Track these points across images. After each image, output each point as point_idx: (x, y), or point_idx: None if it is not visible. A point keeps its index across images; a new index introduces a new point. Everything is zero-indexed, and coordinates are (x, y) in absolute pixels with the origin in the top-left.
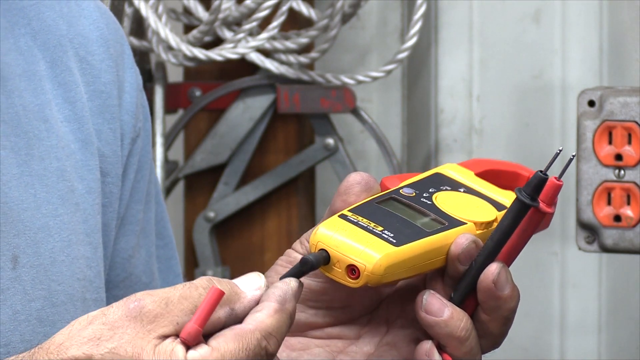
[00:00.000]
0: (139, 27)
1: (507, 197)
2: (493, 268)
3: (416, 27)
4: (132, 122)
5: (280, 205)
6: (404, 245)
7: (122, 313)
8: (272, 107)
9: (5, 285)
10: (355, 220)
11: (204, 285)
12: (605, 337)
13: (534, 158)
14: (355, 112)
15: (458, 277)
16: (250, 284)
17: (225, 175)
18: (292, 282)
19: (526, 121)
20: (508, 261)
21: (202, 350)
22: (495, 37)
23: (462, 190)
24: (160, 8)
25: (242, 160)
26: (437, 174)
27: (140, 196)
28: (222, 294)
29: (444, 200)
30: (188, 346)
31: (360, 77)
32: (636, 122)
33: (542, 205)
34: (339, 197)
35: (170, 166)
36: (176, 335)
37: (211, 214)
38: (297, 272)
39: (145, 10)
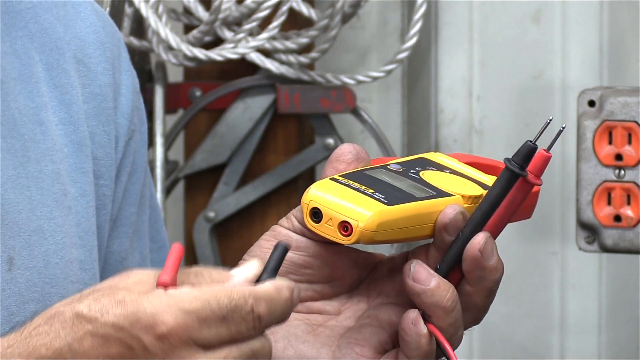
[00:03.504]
0: (139, 27)
1: (491, 179)
2: (480, 237)
3: (416, 27)
4: (127, 124)
5: (280, 205)
6: (396, 205)
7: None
8: (272, 107)
9: (2, 287)
10: (346, 183)
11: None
12: (605, 337)
13: None
14: (355, 112)
15: (444, 249)
16: (243, 269)
17: (226, 175)
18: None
19: (526, 121)
20: (495, 233)
21: (182, 288)
22: (495, 37)
23: (447, 171)
24: (161, 8)
25: (242, 160)
26: (422, 158)
27: (134, 199)
28: (181, 247)
29: (431, 176)
30: None
31: (360, 77)
32: (636, 122)
33: (530, 176)
34: (329, 165)
35: (170, 166)
36: None
37: (211, 214)
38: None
39: (146, 10)
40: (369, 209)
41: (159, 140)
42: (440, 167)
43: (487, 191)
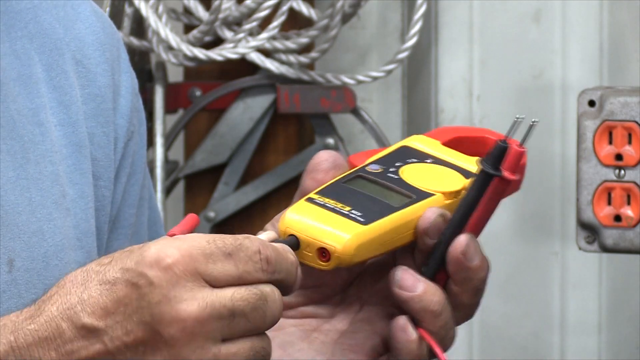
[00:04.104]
0: (139, 27)
1: (474, 164)
2: (461, 239)
3: (416, 27)
4: (126, 126)
5: (280, 205)
6: (373, 223)
7: None
8: (272, 107)
9: (2, 288)
10: (322, 203)
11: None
12: (605, 337)
13: (534, 158)
14: (355, 112)
15: (428, 251)
16: (258, 236)
17: (226, 175)
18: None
19: (526, 121)
20: (476, 231)
21: (188, 234)
22: (495, 37)
23: (429, 161)
24: (161, 8)
25: (242, 160)
26: (404, 147)
27: (133, 200)
28: (197, 217)
29: (411, 173)
30: None
31: (361, 77)
32: (636, 122)
33: (505, 174)
34: (307, 175)
35: (170, 166)
36: None
37: (211, 214)
38: None
39: (146, 10)
40: (346, 231)
41: (159, 140)
42: (422, 157)
43: (469, 181)
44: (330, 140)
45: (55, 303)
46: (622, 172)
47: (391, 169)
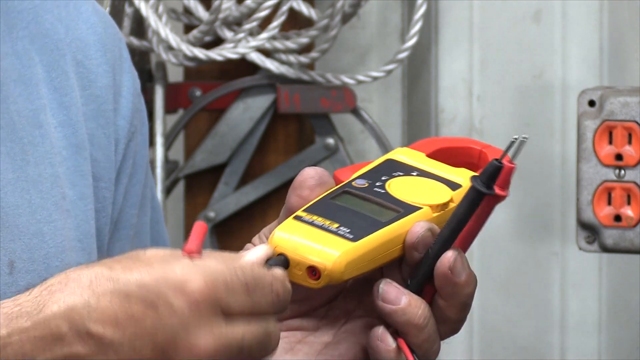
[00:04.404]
0: (139, 27)
1: (460, 175)
2: (449, 255)
3: (416, 27)
4: (127, 126)
5: (280, 205)
6: (362, 240)
7: None
8: (272, 107)
9: (3, 290)
10: (310, 220)
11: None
12: (605, 337)
13: (534, 158)
14: (355, 112)
15: (416, 265)
16: (253, 252)
17: (226, 175)
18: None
19: (526, 121)
20: (464, 247)
21: (206, 258)
22: (495, 37)
23: (414, 173)
24: (161, 8)
25: (242, 160)
26: (389, 160)
27: (135, 200)
28: (205, 224)
29: (397, 186)
30: None
31: (361, 77)
32: (636, 122)
33: (497, 190)
34: (293, 192)
35: (170, 166)
36: None
37: (211, 214)
38: None
39: (146, 10)
40: (336, 248)
41: (159, 140)
42: (408, 170)
43: (456, 192)
44: (330, 140)
45: (57, 302)
46: (622, 172)
47: (377, 183)
